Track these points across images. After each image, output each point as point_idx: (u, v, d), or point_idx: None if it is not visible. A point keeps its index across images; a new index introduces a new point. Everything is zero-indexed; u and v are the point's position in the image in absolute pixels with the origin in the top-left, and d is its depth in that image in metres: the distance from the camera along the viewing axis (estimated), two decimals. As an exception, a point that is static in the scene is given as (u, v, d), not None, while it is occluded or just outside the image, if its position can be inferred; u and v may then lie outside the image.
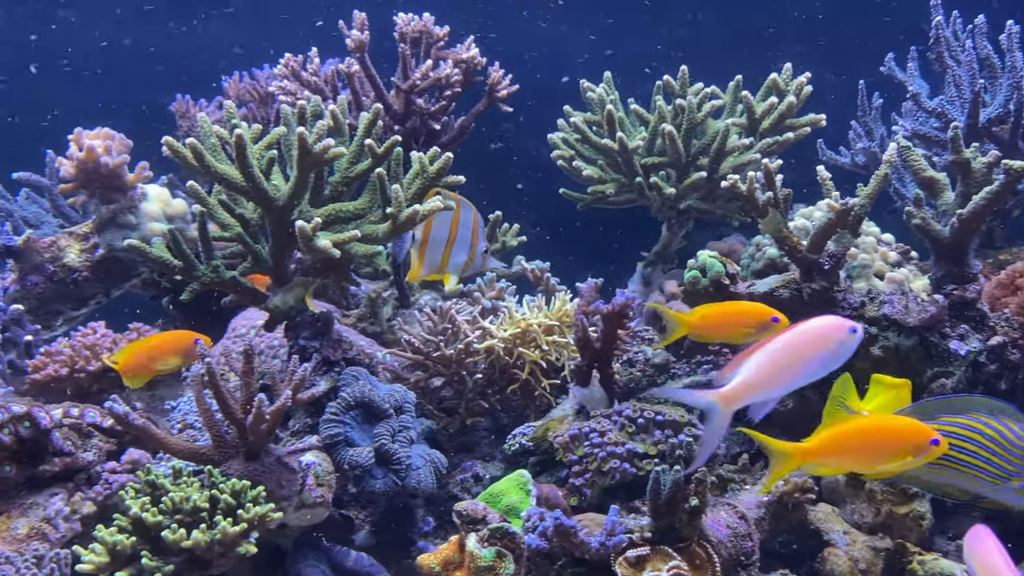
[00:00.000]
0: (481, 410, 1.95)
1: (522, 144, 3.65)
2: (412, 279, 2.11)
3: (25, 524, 1.41)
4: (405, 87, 2.16)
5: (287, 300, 1.80)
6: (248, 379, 1.54)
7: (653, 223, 2.84)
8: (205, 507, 1.37)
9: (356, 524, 1.89)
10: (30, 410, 1.47)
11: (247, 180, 1.68)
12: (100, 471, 1.57)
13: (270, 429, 1.51)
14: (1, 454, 1.44)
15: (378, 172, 1.72)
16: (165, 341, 1.81)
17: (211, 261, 1.76)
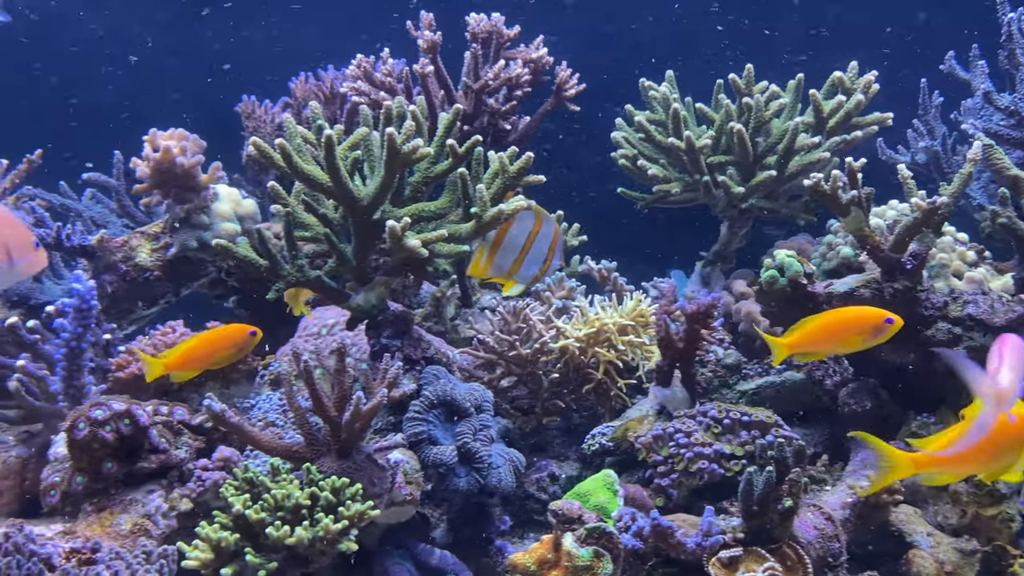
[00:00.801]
0: (557, 410, 1.95)
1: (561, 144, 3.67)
2: (473, 274, 2.12)
3: (128, 520, 1.44)
4: (476, 87, 2.17)
5: (369, 299, 1.81)
6: (341, 377, 1.55)
7: (696, 222, 2.84)
8: (306, 504, 1.38)
9: (431, 523, 1.90)
10: (130, 407, 1.50)
11: (334, 181, 1.69)
12: (192, 468, 1.58)
13: (364, 427, 1.52)
14: (103, 451, 1.46)
15: (460, 172, 1.73)
16: (220, 335, 1.79)
17: (296, 261, 1.78)
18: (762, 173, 2.33)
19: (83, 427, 1.45)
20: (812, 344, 1.49)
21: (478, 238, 1.72)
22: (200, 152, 2.20)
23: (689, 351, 1.72)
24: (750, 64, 2.49)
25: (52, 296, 2.36)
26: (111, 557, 1.29)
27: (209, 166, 2.23)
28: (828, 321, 1.50)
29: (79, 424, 1.45)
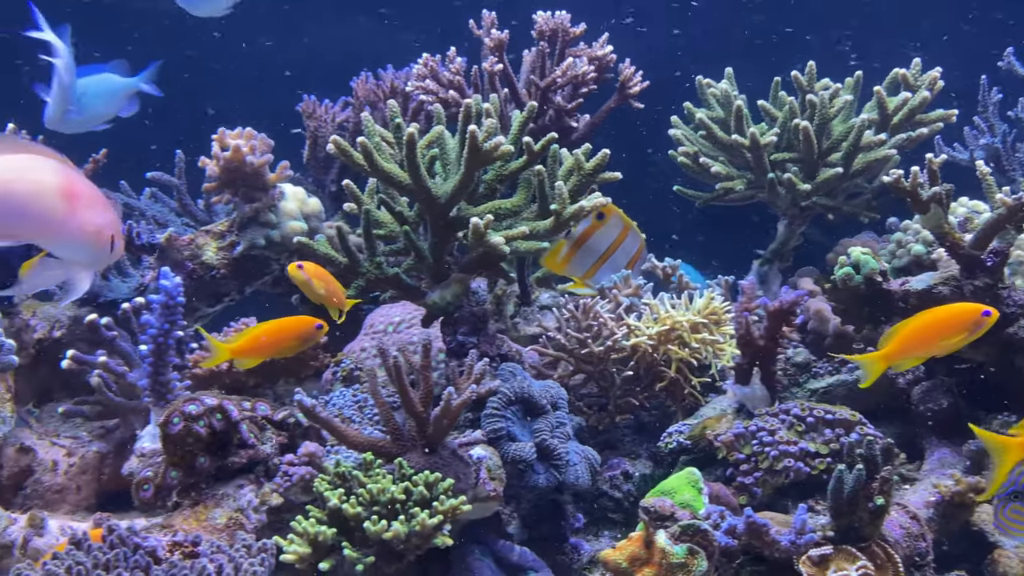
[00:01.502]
0: (629, 407, 1.95)
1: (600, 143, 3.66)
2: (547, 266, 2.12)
3: (222, 514, 1.45)
4: (544, 84, 2.17)
5: (445, 296, 1.82)
6: (427, 373, 1.56)
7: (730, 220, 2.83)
8: (402, 499, 1.39)
9: (503, 519, 1.90)
10: (222, 402, 1.51)
11: (413, 179, 1.70)
12: (278, 463, 1.60)
13: (452, 423, 1.53)
14: (197, 445, 1.48)
15: (538, 169, 1.73)
16: (287, 325, 1.79)
17: (374, 258, 1.79)
18: (828, 170, 2.31)
19: (177, 422, 1.46)
20: (910, 350, 1.45)
21: (556, 235, 1.72)
22: (268, 151, 2.22)
23: (770, 349, 1.71)
24: (812, 62, 2.48)
25: (119, 294, 2.39)
26: (212, 551, 1.30)
27: (276, 165, 2.25)
28: (923, 324, 1.46)
29: (173, 419, 1.46)
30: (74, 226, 1.13)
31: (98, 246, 1.19)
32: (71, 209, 1.12)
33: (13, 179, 1.07)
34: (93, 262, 1.20)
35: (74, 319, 2.30)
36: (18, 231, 1.08)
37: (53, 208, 1.10)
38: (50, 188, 1.11)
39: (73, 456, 1.99)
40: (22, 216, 1.08)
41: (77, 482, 1.97)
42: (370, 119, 1.77)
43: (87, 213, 1.16)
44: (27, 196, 1.09)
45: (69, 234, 1.14)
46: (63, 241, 1.14)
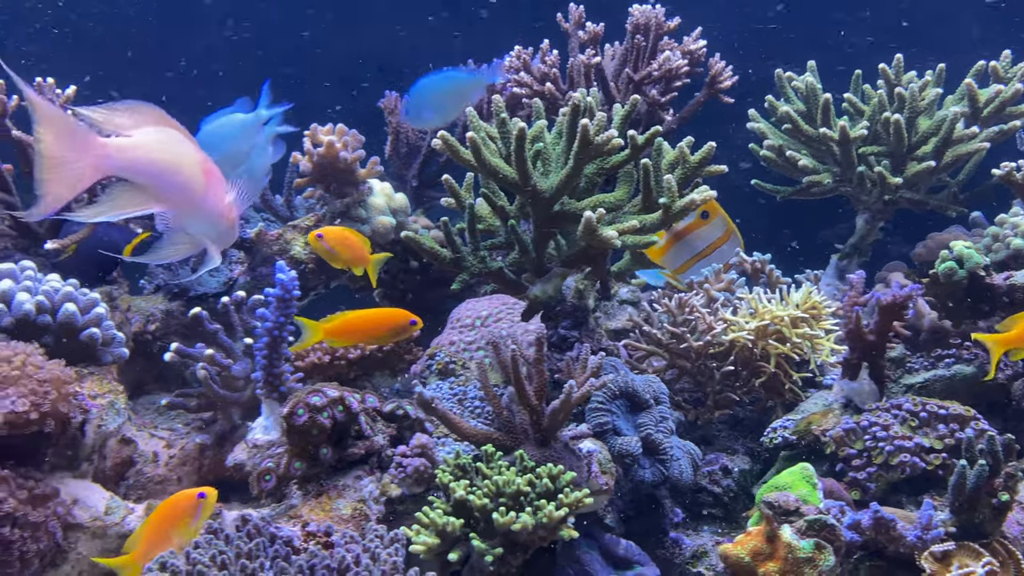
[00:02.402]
0: (729, 402, 1.94)
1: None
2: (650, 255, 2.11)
3: (346, 505, 1.47)
4: (638, 78, 2.17)
5: (546, 290, 1.82)
6: (541, 367, 1.56)
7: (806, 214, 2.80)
8: (527, 491, 1.39)
9: (599, 514, 1.91)
10: (343, 394, 1.53)
11: (520, 173, 1.70)
12: (391, 455, 1.61)
13: (567, 416, 1.54)
14: (320, 436, 1.50)
15: (645, 162, 1.72)
16: (383, 315, 1.78)
17: (478, 252, 1.80)
18: (920, 164, 2.28)
19: (302, 413, 1.48)
20: None
21: (663, 228, 1.71)
22: (360, 147, 2.24)
23: (880, 344, 1.69)
24: (899, 55, 2.45)
25: (208, 288, 2.43)
26: (346, 540, 1.32)
27: (367, 161, 2.27)
28: None
29: (298, 410, 1.48)
30: (210, 201, 1.17)
31: (226, 223, 1.22)
32: (208, 184, 1.16)
33: (164, 149, 1.11)
34: (221, 238, 1.23)
35: (166, 313, 2.35)
36: (164, 199, 1.11)
37: (194, 181, 1.13)
38: (192, 162, 1.14)
39: (173, 448, 2.03)
40: (170, 185, 1.11)
41: (178, 473, 2.01)
42: (475, 114, 1.78)
43: (219, 190, 1.19)
44: (175, 166, 1.12)
45: (205, 208, 1.17)
46: (198, 214, 1.17)
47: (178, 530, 1.33)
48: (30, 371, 1.53)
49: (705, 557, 1.78)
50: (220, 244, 1.25)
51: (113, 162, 1.07)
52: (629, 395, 1.77)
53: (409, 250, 2.45)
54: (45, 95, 1.99)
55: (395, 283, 2.50)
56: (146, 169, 1.10)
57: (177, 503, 1.34)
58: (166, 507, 1.35)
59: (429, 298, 2.46)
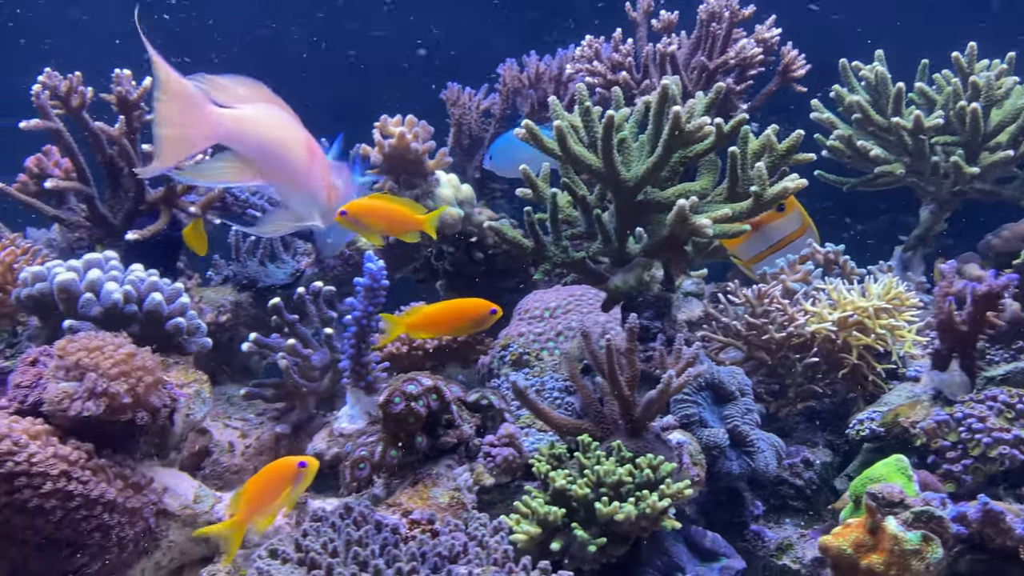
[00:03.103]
0: (811, 395, 1.92)
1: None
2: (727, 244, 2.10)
3: (444, 493, 1.46)
4: (713, 66, 2.15)
5: (628, 281, 1.81)
6: (632, 357, 1.55)
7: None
8: (628, 481, 1.38)
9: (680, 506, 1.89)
10: (436, 383, 1.53)
11: (606, 162, 1.69)
12: (478, 444, 1.61)
13: (661, 407, 1.52)
14: (416, 424, 1.49)
15: (732, 150, 1.71)
16: (464, 306, 1.76)
17: (560, 242, 1.79)
18: (997, 153, 2.25)
19: (398, 401, 1.48)
20: None
21: (754, 217, 1.69)
22: (429, 138, 2.23)
23: (973, 334, 1.66)
24: (973, 43, 2.41)
25: (276, 279, 2.44)
26: (451, 528, 1.31)
27: (436, 152, 2.26)
28: None
29: (394, 398, 1.48)
30: (313, 178, 1.18)
31: (328, 201, 1.23)
32: (311, 162, 1.17)
33: (272, 124, 1.12)
34: (322, 215, 1.24)
35: (236, 304, 2.36)
36: (268, 173, 1.12)
37: (300, 158, 1.14)
38: (298, 140, 1.15)
39: (248, 438, 2.03)
40: (275, 160, 1.13)
41: (254, 463, 2.01)
42: (558, 103, 1.77)
43: (322, 170, 1.20)
44: (282, 143, 1.14)
45: (309, 185, 1.18)
46: (302, 191, 1.18)
47: (277, 497, 1.33)
48: (123, 359, 1.54)
49: (790, 549, 1.76)
50: (322, 220, 1.26)
51: (224, 131, 1.08)
52: (715, 387, 1.75)
53: (474, 242, 2.45)
54: (123, 85, 2.00)
55: (459, 275, 2.49)
56: (254, 142, 1.11)
57: (278, 470, 1.33)
58: (266, 474, 1.34)
59: (493, 290, 2.45)
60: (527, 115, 2.56)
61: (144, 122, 2.08)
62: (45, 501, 1.38)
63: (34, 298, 1.74)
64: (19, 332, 1.89)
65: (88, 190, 2.05)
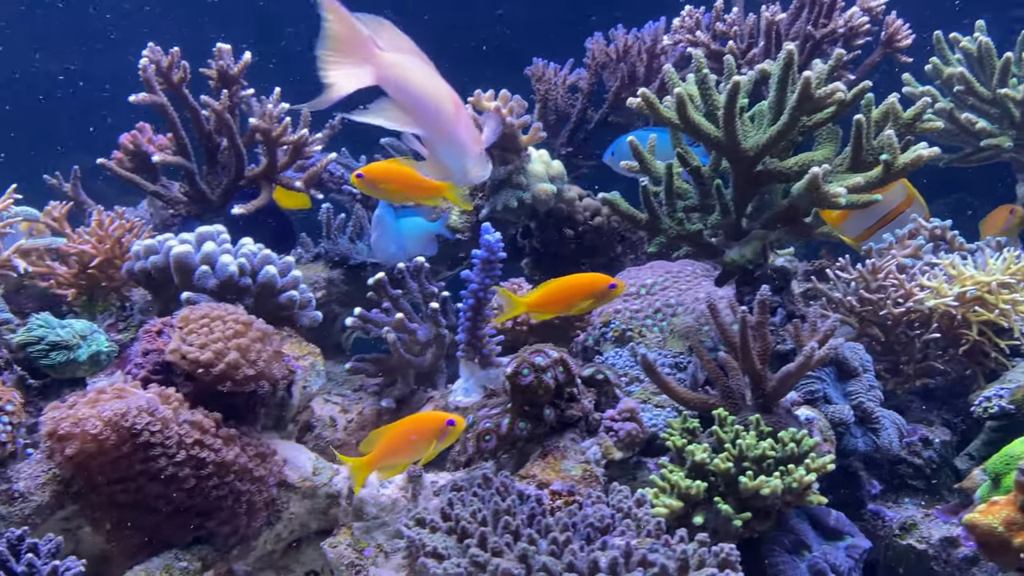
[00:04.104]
0: (930, 372, 1.86)
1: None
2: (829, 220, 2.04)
3: (575, 466, 1.44)
4: (820, 35, 2.09)
5: (744, 254, 1.77)
6: (764, 330, 1.51)
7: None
8: (772, 455, 1.35)
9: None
10: (563, 355, 1.50)
11: (727, 130, 1.65)
12: (598, 419, 1.58)
13: (797, 382, 1.48)
14: (545, 396, 1.47)
15: (858, 118, 1.65)
16: (583, 281, 1.74)
17: (675, 214, 1.75)
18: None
19: (528, 373, 1.45)
20: None
21: (883, 186, 1.64)
22: (523, 112, 2.20)
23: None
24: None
25: (367, 256, 2.42)
26: (593, 500, 1.29)
27: (530, 127, 2.23)
28: None
29: (523, 370, 1.46)
30: (461, 131, 1.16)
31: (479, 155, 1.21)
32: (458, 115, 1.15)
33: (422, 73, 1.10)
34: (474, 170, 1.22)
35: (328, 281, 2.35)
36: (420, 121, 1.10)
37: (446, 109, 1.13)
38: (445, 91, 1.14)
39: (349, 413, 2.03)
40: (425, 108, 1.11)
41: (356, 438, 2.00)
42: (674, 72, 1.73)
43: (469, 123, 1.19)
44: (431, 91, 1.12)
45: (456, 137, 1.16)
46: (450, 142, 1.16)
47: (414, 449, 1.32)
48: (243, 329, 1.53)
49: (915, 529, 1.71)
50: (472, 176, 1.24)
51: (384, 73, 1.06)
52: (839, 362, 1.70)
53: (564, 218, 2.41)
54: (223, 59, 1.99)
55: (545, 253, 2.46)
56: (407, 88, 1.09)
57: (426, 422, 1.32)
58: (412, 423, 1.32)
59: (584, 268, 2.42)
60: (616, 89, 2.51)
61: (241, 97, 2.08)
62: (179, 469, 1.37)
63: (147, 271, 1.74)
64: (127, 306, 1.90)
65: (190, 165, 2.05)
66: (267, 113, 1.91)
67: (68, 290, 1.87)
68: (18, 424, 1.43)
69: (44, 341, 1.54)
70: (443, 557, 1.15)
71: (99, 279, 1.87)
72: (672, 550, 1.13)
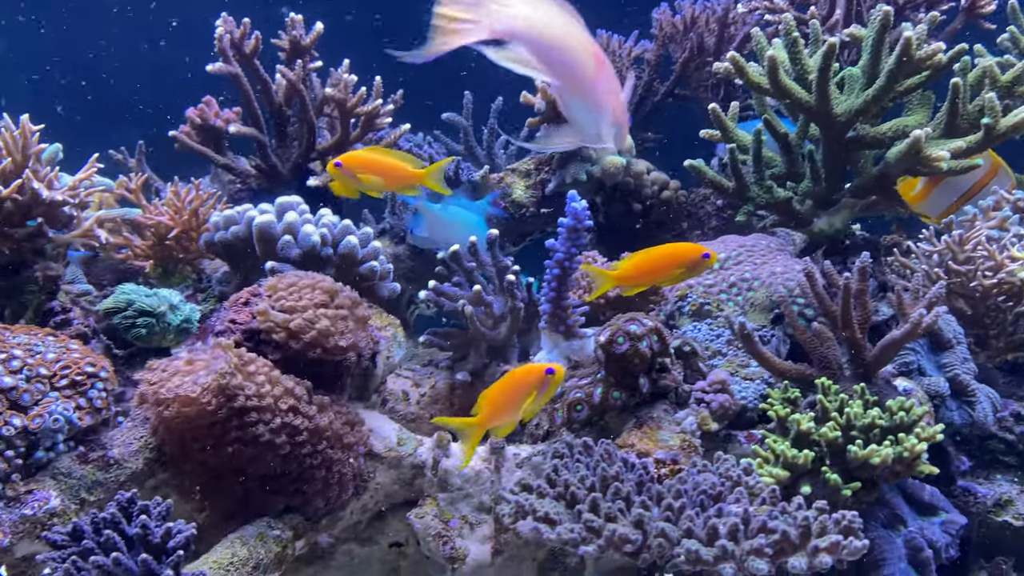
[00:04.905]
0: (1021, 345, 1.81)
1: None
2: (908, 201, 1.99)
3: (673, 436, 1.41)
4: (903, 0, 2.04)
5: (833, 223, 1.73)
6: (865, 298, 1.47)
7: None
8: (881, 424, 1.31)
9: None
10: (657, 324, 1.47)
11: (819, 95, 1.60)
12: (688, 390, 1.55)
13: (899, 350, 1.44)
14: (641, 365, 1.44)
15: (955, 82, 1.60)
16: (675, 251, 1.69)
17: (764, 182, 1.71)
18: None
19: (623, 342, 1.43)
20: None
21: (983, 151, 1.59)
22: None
23: None
24: None
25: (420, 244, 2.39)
26: (699, 469, 1.26)
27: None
28: None
29: (618, 339, 1.43)
30: (599, 89, 1.09)
31: (613, 119, 1.14)
32: (598, 73, 1.08)
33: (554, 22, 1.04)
34: (607, 133, 1.16)
35: (394, 257, 2.33)
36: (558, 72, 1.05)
37: (584, 61, 1.06)
38: (584, 43, 1.07)
39: (421, 387, 2.01)
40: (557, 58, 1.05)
41: (429, 412, 1.99)
42: (762, 36, 1.68)
43: (609, 83, 1.11)
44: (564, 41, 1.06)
45: (593, 94, 1.09)
46: (586, 99, 1.10)
47: (522, 402, 1.28)
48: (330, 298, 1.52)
49: (1010, 506, 1.67)
50: (605, 139, 1.17)
51: (508, 25, 1.01)
52: (933, 334, 1.66)
53: (631, 192, 2.38)
54: (296, 29, 1.97)
55: (611, 228, 2.43)
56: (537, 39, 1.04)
57: (526, 375, 1.28)
58: (511, 379, 1.29)
59: (652, 241, 2.38)
60: (683, 61, 2.47)
61: (311, 69, 2.06)
62: (275, 436, 1.36)
63: (228, 242, 1.73)
64: (203, 277, 1.89)
65: (263, 138, 2.04)
66: (343, 82, 1.89)
67: (145, 262, 1.86)
68: (112, 391, 1.42)
69: (133, 307, 1.54)
70: (555, 522, 1.13)
71: (175, 251, 1.87)
72: (793, 517, 1.10)
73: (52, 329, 1.51)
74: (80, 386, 1.37)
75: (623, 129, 1.14)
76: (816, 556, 1.06)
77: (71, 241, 1.67)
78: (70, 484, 1.32)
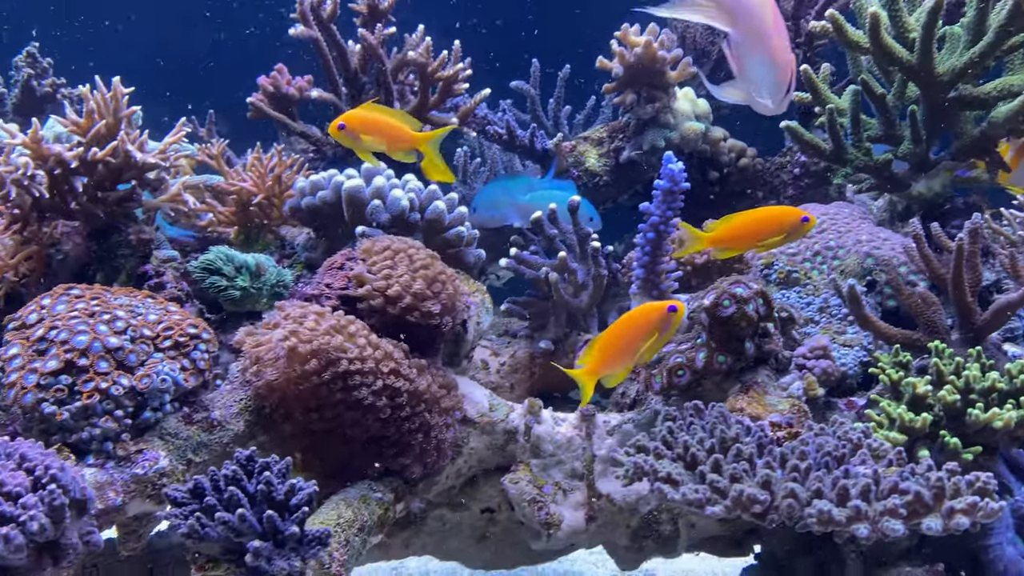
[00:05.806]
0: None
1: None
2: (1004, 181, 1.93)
3: (782, 401, 1.38)
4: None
5: (932, 187, 1.68)
6: (975, 260, 1.43)
7: None
8: (1000, 387, 1.27)
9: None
10: (763, 288, 1.44)
11: (922, 53, 1.55)
12: (788, 356, 1.52)
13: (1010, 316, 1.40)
14: (748, 329, 1.41)
15: (1068, 39, 1.54)
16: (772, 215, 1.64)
17: (862, 144, 1.66)
18: None
19: (728, 304, 1.40)
20: None
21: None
22: (675, 46, 2.12)
23: None
24: None
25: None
26: (816, 432, 1.23)
27: (679, 63, 2.15)
28: None
29: (724, 301, 1.40)
30: (773, 40, 1.07)
31: (782, 75, 1.12)
32: (775, 25, 1.06)
33: None
34: (773, 90, 1.13)
35: (466, 225, 2.31)
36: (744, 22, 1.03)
37: (765, 16, 1.04)
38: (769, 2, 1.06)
39: (500, 356, 1.99)
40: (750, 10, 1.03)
41: (510, 381, 1.97)
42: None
43: (783, 39, 1.09)
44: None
45: (767, 45, 1.08)
46: (760, 49, 1.08)
47: (640, 345, 1.25)
48: (427, 263, 1.50)
49: (1116, 477, 1.62)
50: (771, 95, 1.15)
51: None
52: None
53: (708, 160, 2.34)
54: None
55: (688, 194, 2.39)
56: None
57: (645, 314, 1.25)
58: (628, 319, 1.26)
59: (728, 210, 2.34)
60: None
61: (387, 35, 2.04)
62: (376, 398, 1.36)
63: (315, 207, 1.72)
64: (286, 243, 1.89)
65: (340, 104, 2.02)
66: (425, 45, 1.87)
67: (228, 228, 1.86)
68: (213, 353, 1.42)
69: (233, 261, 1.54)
70: (678, 483, 1.11)
71: (257, 217, 1.86)
72: (925, 478, 1.07)
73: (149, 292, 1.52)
74: (183, 347, 1.38)
75: (785, 85, 1.13)
76: (952, 518, 1.04)
77: (160, 205, 1.67)
78: (177, 445, 1.33)
